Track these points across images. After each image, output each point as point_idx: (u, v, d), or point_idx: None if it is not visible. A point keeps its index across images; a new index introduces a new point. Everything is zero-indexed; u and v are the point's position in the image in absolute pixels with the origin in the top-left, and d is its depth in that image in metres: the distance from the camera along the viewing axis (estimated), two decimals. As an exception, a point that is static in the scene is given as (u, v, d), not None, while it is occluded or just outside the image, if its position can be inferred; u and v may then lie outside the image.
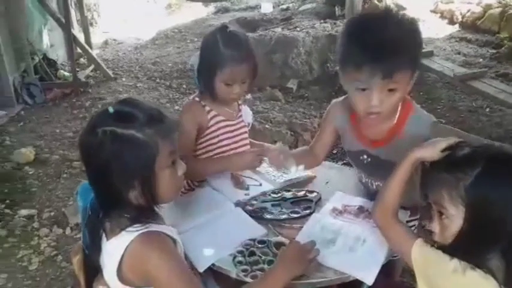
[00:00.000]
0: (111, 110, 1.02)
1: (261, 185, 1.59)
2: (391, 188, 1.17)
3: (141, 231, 1.01)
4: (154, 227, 1.04)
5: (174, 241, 1.11)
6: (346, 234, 1.29)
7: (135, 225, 1.02)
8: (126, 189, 1.02)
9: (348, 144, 1.49)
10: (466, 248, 0.97)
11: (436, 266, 1.01)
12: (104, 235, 1.06)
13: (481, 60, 5.01)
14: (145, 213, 1.05)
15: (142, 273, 1.01)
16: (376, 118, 1.28)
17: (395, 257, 1.31)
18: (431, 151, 1.08)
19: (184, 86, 4.63)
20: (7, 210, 2.60)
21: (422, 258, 1.04)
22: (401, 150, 1.28)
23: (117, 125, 0.99)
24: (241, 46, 1.56)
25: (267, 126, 3.38)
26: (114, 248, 1.02)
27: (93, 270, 1.12)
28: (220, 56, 1.53)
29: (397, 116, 1.35)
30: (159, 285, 1.01)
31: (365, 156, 1.43)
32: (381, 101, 1.23)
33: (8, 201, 2.68)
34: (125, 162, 0.99)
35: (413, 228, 1.49)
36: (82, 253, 1.17)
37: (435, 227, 1.03)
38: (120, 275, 1.03)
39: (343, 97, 1.48)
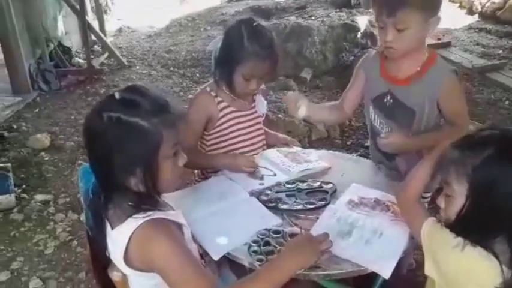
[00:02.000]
0: (117, 95, 1.01)
1: (275, 175, 1.58)
2: (418, 177, 1.22)
3: (146, 219, 1.00)
4: (158, 214, 1.04)
5: (181, 226, 1.11)
6: (362, 226, 1.28)
7: (140, 213, 1.02)
8: (127, 176, 1.02)
9: (374, 88, 1.58)
10: (469, 228, 0.99)
11: (439, 241, 1.05)
12: (107, 223, 1.06)
13: (500, 51, 4.89)
14: (147, 201, 1.05)
15: (147, 260, 1.01)
16: (394, 53, 1.43)
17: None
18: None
19: (197, 75, 4.62)
20: (23, 195, 2.64)
21: (430, 234, 1.08)
22: (421, 95, 1.47)
23: (123, 112, 0.99)
24: (266, 42, 1.53)
25: (280, 116, 3.35)
26: (120, 235, 1.02)
27: (101, 256, 1.12)
28: (244, 50, 1.51)
29: (422, 60, 1.46)
30: (164, 272, 1.00)
31: (389, 97, 1.53)
32: (393, 38, 1.37)
33: (24, 186, 2.72)
34: (127, 149, 0.99)
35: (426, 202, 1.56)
36: (87, 236, 1.17)
37: (441, 202, 1.06)
38: (127, 261, 1.03)
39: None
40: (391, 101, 1.53)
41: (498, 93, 3.93)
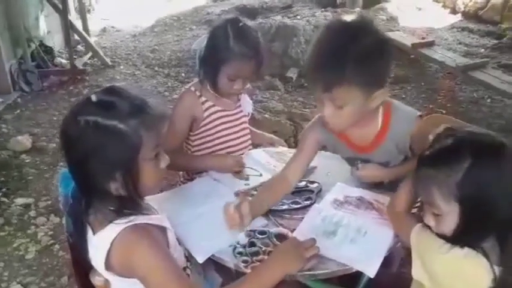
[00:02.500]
0: (94, 98, 0.98)
1: (261, 175, 1.57)
2: (406, 190, 1.18)
3: (127, 224, 0.98)
4: (141, 219, 1.01)
5: (164, 230, 1.08)
6: (347, 225, 1.27)
7: (121, 218, 0.99)
8: (106, 180, 0.99)
9: (340, 152, 1.46)
10: (463, 237, 0.97)
11: (426, 244, 1.03)
12: (89, 228, 1.03)
13: (482, 50, 4.97)
14: (128, 205, 1.02)
15: (128, 267, 0.99)
16: (335, 128, 1.27)
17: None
18: None
19: (182, 75, 4.58)
20: (3, 199, 2.57)
21: (417, 238, 1.06)
22: (391, 152, 1.32)
23: (100, 115, 0.95)
24: (252, 43, 1.51)
25: (266, 116, 3.35)
26: (101, 241, 0.99)
27: (83, 261, 1.09)
28: (230, 50, 1.49)
29: (380, 121, 1.31)
30: (145, 281, 0.98)
31: (358, 161, 1.40)
32: (331, 114, 1.19)
33: (4, 189, 2.65)
34: (106, 153, 0.96)
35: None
36: (68, 242, 1.15)
37: (429, 222, 1.02)
38: (108, 267, 1.01)
39: None
40: (361, 161, 1.39)
41: (480, 92, 3.99)
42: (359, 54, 1.10)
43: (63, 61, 4.79)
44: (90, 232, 1.03)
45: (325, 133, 1.36)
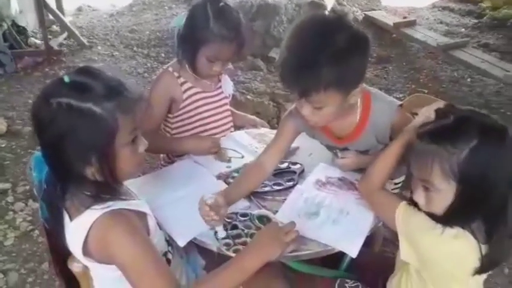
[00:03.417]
0: (66, 79, 0.93)
1: (243, 157, 1.55)
2: (379, 168, 1.17)
3: (104, 210, 0.95)
4: (119, 204, 0.99)
5: (144, 215, 1.06)
6: (329, 206, 1.27)
7: (99, 204, 0.96)
8: (82, 165, 0.95)
9: (319, 140, 1.44)
10: (455, 218, 0.97)
11: (415, 225, 1.03)
12: (65, 214, 1.00)
13: (463, 30, 4.99)
14: (105, 190, 0.99)
15: (106, 255, 0.97)
16: (315, 126, 1.26)
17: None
18: (423, 118, 1.05)
19: (162, 55, 4.48)
20: (-21, 185, 2.50)
21: (404, 219, 1.05)
22: (371, 142, 1.31)
23: (74, 97, 0.91)
24: (233, 24, 1.46)
25: (248, 97, 3.31)
26: (78, 227, 0.97)
27: (60, 247, 1.06)
28: (209, 31, 1.44)
29: (359, 112, 1.28)
30: (123, 268, 0.96)
31: (337, 150, 1.40)
32: (310, 114, 1.17)
33: (-20, 175, 2.58)
34: (80, 138, 0.91)
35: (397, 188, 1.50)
36: (43, 228, 1.11)
37: (419, 198, 1.01)
38: (86, 253, 0.99)
39: None
40: (341, 149, 1.40)
41: (461, 71, 4.02)
42: (334, 56, 1.06)
43: (38, 41, 4.62)
44: (66, 218, 1.00)
45: (304, 123, 1.33)
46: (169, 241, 1.19)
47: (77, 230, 0.97)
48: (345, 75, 1.10)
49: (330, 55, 1.06)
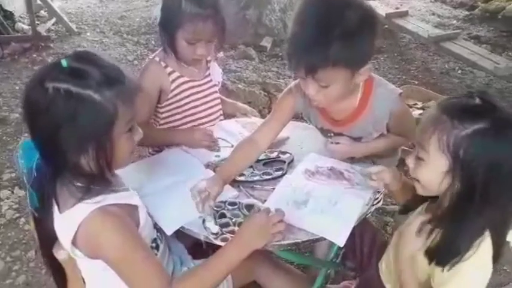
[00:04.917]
0: (64, 63, 0.90)
1: (232, 146, 1.54)
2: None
3: (96, 206, 0.93)
4: (110, 198, 0.97)
5: (136, 208, 1.05)
6: (318, 195, 1.27)
7: (90, 197, 0.94)
8: (76, 154, 0.93)
9: (314, 122, 1.44)
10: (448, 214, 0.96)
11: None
12: (55, 205, 0.98)
13: (454, 21, 5.00)
14: (97, 181, 0.97)
15: (97, 254, 0.96)
16: (319, 105, 1.25)
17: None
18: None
19: (153, 42, 4.42)
20: (-36, 172, 2.46)
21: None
22: (366, 129, 1.30)
23: (72, 82, 0.88)
24: (205, 1, 1.42)
25: (239, 86, 3.27)
26: (68, 221, 0.95)
27: (48, 236, 1.04)
28: (182, 12, 1.39)
29: (359, 97, 1.28)
30: (116, 268, 0.96)
31: (332, 134, 1.39)
32: (315, 93, 1.17)
33: (-35, 162, 2.53)
34: (78, 126, 0.89)
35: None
36: (32, 216, 1.09)
37: (410, 162, 1.02)
38: (76, 247, 0.97)
39: None
40: (334, 133, 1.40)
41: (452, 63, 4.04)
42: (345, 33, 1.05)
43: (25, 27, 4.52)
44: (56, 209, 0.98)
45: (302, 102, 1.33)
46: (157, 227, 1.17)
47: (66, 223, 0.96)
48: (354, 52, 1.10)
49: (340, 31, 1.06)
